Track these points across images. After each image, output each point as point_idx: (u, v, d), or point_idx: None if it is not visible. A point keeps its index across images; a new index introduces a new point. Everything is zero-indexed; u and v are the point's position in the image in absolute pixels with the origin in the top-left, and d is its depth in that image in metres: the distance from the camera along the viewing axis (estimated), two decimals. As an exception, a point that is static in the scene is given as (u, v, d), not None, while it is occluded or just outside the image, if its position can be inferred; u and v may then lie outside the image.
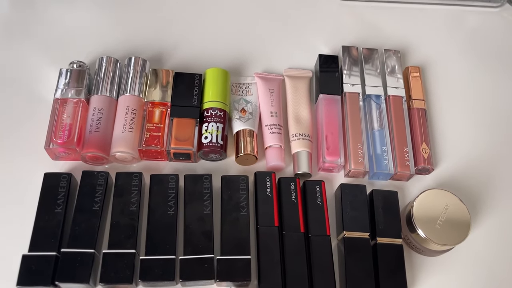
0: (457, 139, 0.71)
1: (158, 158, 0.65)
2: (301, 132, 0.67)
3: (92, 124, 0.62)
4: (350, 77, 0.71)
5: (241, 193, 0.60)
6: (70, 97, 0.64)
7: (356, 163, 0.64)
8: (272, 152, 0.65)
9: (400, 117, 0.68)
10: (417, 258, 0.62)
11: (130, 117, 0.63)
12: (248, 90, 0.70)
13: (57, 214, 0.57)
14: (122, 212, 0.58)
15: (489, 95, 0.75)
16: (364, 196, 0.62)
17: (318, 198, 0.61)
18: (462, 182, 0.67)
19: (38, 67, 0.70)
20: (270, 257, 0.57)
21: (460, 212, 0.59)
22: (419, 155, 0.66)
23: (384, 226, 0.60)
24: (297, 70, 0.73)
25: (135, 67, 0.67)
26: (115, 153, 0.62)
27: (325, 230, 0.59)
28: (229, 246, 0.57)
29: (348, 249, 0.58)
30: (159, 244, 0.56)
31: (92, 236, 0.56)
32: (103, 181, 0.59)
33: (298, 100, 0.70)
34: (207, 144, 0.63)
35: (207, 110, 0.65)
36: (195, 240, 0.56)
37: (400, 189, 0.66)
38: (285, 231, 0.59)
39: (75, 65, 0.66)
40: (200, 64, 0.71)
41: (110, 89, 0.65)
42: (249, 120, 0.66)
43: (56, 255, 0.54)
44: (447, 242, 0.58)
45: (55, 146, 0.61)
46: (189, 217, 0.58)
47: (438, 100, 0.74)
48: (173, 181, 0.60)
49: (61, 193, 0.58)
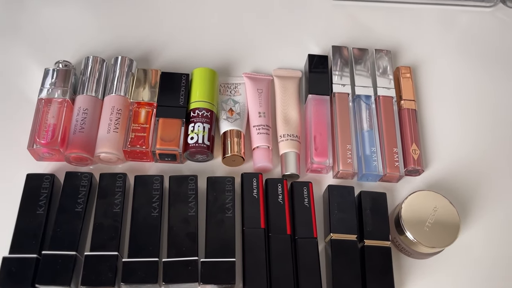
0: (448, 140, 0.70)
1: (143, 159, 0.64)
2: (290, 132, 0.66)
3: (77, 125, 0.61)
4: (340, 77, 0.70)
5: (227, 195, 0.59)
6: (55, 97, 0.63)
7: (344, 164, 0.63)
8: (260, 153, 0.64)
9: (390, 118, 0.67)
10: (406, 260, 0.61)
11: (115, 117, 0.62)
12: (237, 90, 0.69)
13: (38, 215, 0.56)
14: (106, 214, 0.57)
15: (481, 96, 0.74)
16: (352, 197, 0.61)
17: (305, 199, 0.60)
18: (452, 184, 0.66)
19: (23, 66, 0.69)
20: (255, 260, 0.56)
21: (449, 214, 0.58)
22: (409, 156, 0.65)
23: (372, 228, 0.59)
24: (286, 70, 0.72)
25: (121, 66, 0.66)
26: (100, 154, 0.61)
27: (312, 232, 0.58)
28: (214, 248, 0.56)
29: (335, 252, 0.57)
30: (142, 246, 0.55)
31: (74, 238, 0.55)
32: (86, 182, 0.58)
33: (287, 100, 0.69)
34: (193, 144, 0.62)
35: (193, 110, 0.64)
36: (179, 242, 0.56)
37: (389, 191, 0.65)
38: (271, 233, 0.58)
39: (60, 64, 0.66)
40: (187, 64, 0.71)
41: (96, 89, 0.64)
42: (237, 121, 0.66)
43: (37, 257, 0.53)
44: (436, 245, 0.57)
45: (38, 146, 0.60)
46: (173, 219, 0.57)
47: (429, 100, 0.73)
48: (157, 182, 0.59)
49: (44, 194, 0.57)
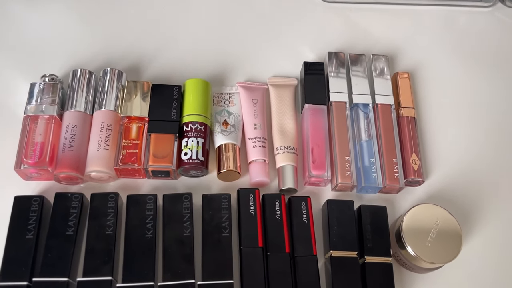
0: (448, 148, 0.68)
1: (136, 176, 0.62)
2: (286, 145, 0.64)
3: (66, 142, 0.59)
4: (336, 85, 0.68)
5: (223, 213, 0.57)
6: (42, 114, 0.60)
7: (343, 177, 0.62)
8: (256, 167, 0.62)
9: (389, 127, 0.66)
10: (407, 275, 0.60)
11: (105, 134, 0.60)
12: (231, 100, 0.67)
13: (28, 240, 0.54)
14: (98, 236, 0.55)
15: (482, 100, 0.72)
16: (351, 212, 0.59)
17: (304, 215, 0.59)
18: (454, 194, 0.65)
19: (6, 80, 0.66)
20: (254, 280, 0.54)
21: (451, 227, 0.57)
22: (409, 167, 0.64)
23: (372, 244, 0.57)
24: (281, 78, 0.70)
25: (110, 79, 0.64)
26: (90, 172, 0.59)
27: (311, 250, 0.57)
28: (211, 270, 0.54)
29: (335, 269, 0.56)
30: (137, 270, 0.53)
31: (66, 263, 0.53)
32: (77, 203, 0.56)
33: (283, 110, 0.67)
34: (187, 160, 0.60)
35: (186, 124, 0.62)
36: (175, 265, 0.54)
37: (389, 202, 0.63)
38: (270, 252, 0.56)
39: (47, 78, 0.63)
40: (179, 75, 0.68)
41: (85, 104, 0.62)
42: (232, 134, 0.64)
43: (28, 285, 0.52)
44: (438, 261, 0.56)
45: (26, 167, 0.58)
46: (168, 240, 0.55)
47: (429, 107, 0.71)
48: (151, 201, 0.57)
49: (33, 217, 0.55)
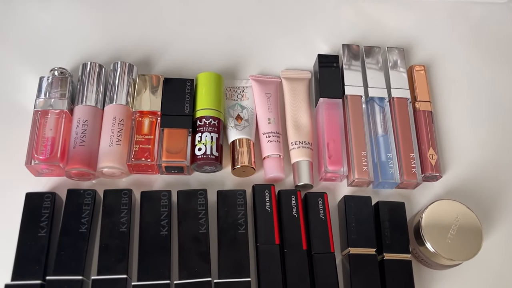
0: (467, 143, 0.67)
1: (148, 172, 0.60)
2: (301, 139, 0.63)
3: (77, 138, 0.58)
4: (351, 78, 0.66)
5: (239, 209, 0.56)
6: (52, 108, 0.59)
7: (360, 172, 0.60)
8: (271, 163, 0.61)
9: (405, 121, 0.64)
10: (426, 271, 0.59)
11: (117, 129, 0.59)
12: (244, 94, 0.66)
13: (40, 238, 0.53)
14: (112, 234, 0.54)
15: (500, 94, 0.71)
16: (369, 208, 0.58)
17: (321, 211, 0.58)
18: (473, 189, 0.64)
19: (15, 75, 0.65)
20: (271, 278, 0.53)
21: (471, 224, 0.56)
22: (426, 162, 0.63)
23: (391, 241, 0.56)
24: (295, 71, 0.69)
25: (121, 73, 0.62)
26: (102, 168, 0.57)
27: (329, 247, 0.56)
28: (227, 267, 0.53)
29: (354, 267, 0.55)
30: (152, 268, 0.52)
31: (79, 261, 0.52)
32: (90, 200, 0.55)
33: (297, 104, 0.65)
34: (201, 156, 0.59)
35: (200, 119, 0.61)
36: (191, 263, 0.53)
37: (406, 198, 0.62)
38: (287, 249, 0.55)
39: (56, 72, 0.62)
40: (191, 68, 0.67)
41: (95, 98, 0.61)
42: (245, 128, 0.62)
43: (41, 284, 0.51)
44: (458, 258, 0.55)
45: (37, 162, 0.56)
46: (183, 237, 0.54)
47: (445, 100, 0.70)
48: (165, 198, 0.56)
49: (45, 214, 0.54)
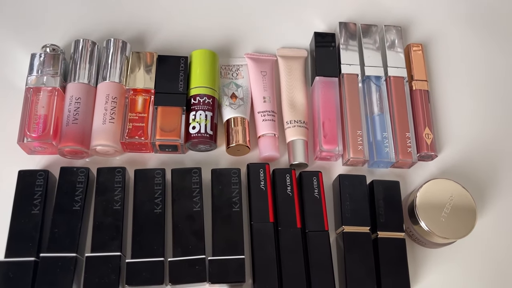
0: (462, 122, 0.67)
1: (142, 150, 0.60)
2: (296, 118, 0.62)
3: (69, 115, 0.57)
4: (348, 56, 0.65)
5: (233, 188, 0.56)
6: (44, 86, 0.58)
7: (355, 151, 0.60)
8: (266, 142, 0.61)
9: (401, 100, 0.64)
10: (420, 250, 0.59)
11: (110, 107, 0.58)
12: (239, 72, 0.65)
13: (34, 215, 0.52)
14: (105, 212, 0.53)
15: (497, 73, 0.70)
16: (364, 187, 0.58)
17: (315, 190, 0.57)
18: (468, 169, 0.64)
19: (6, 51, 0.64)
20: (265, 256, 0.53)
21: (465, 203, 0.56)
22: (422, 141, 0.62)
23: (385, 219, 0.56)
24: (291, 49, 0.68)
25: (114, 50, 0.61)
26: (96, 146, 0.57)
27: (323, 225, 0.56)
28: (221, 245, 0.53)
29: (348, 245, 0.55)
30: (146, 246, 0.52)
31: (73, 239, 0.52)
32: (83, 177, 0.55)
33: (292, 83, 0.65)
34: (195, 134, 0.58)
35: (194, 97, 0.60)
36: (185, 240, 0.53)
37: (401, 177, 0.62)
38: (281, 227, 0.55)
39: (48, 49, 0.61)
40: (185, 45, 0.66)
41: (88, 75, 0.60)
42: (240, 107, 0.62)
43: (35, 261, 0.51)
44: (452, 236, 0.55)
45: (29, 140, 0.56)
46: (177, 215, 0.54)
47: (442, 80, 0.69)
48: (159, 176, 0.56)
49: (38, 192, 0.54)
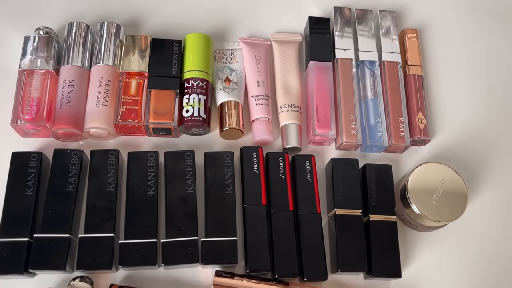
0: (455, 107, 0.67)
1: (136, 133, 0.60)
2: (290, 103, 0.62)
3: (63, 98, 0.57)
4: (342, 41, 0.65)
5: (226, 171, 0.56)
6: (38, 68, 0.58)
7: (348, 135, 0.60)
8: (259, 126, 0.61)
9: (395, 85, 0.64)
10: (411, 233, 0.60)
11: (104, 89, 0.58)
12: (233, 57, 0.65)
13: (27, 197, 0.53)
14: (99, 193, 0.54)
15: (492, 59, 0.70)
16: (356, 171, 0.58)
17: (308, 174, 0.58)
18: (460, 154, 0.64)
19: (0, 34, 0.64)
20: (257, 238, 0.54)
21: (457, 186, 0.56)
22: (415, 126, 0.63)
23: (377, 203, 0.57)
24: (285, 34, 0.68)
25: (108, 33, 0.61)
26: (89, 129, 0.57)
27: (315, 208, 0.56)
28: (214, 227, 0.53)
29: (339, 227, 0.56)
30: (139, 227, 0.53)
31: (66, 220, 0.52)
32: (77, 160, 0.55)
33: (286, 67, 0.65)
34: (189, 118, 0.58)
35: (187, 80, 0.60)
36: (178, 222, 0.53)
37: (394, 162, 0.62)
38: (273, 209, 0.55)
39: (41, 31, 0.60)
40: (179, 29, 0.66)
41: (82, 58, 0.60)
42: (234, 91, 0.62)
43: (29, 241, 0.51)
44: (443, 219, 0.55)
45: (23, 122, 0.56)
46: (170, 198, 0.54)
47: (436, 65, 0.69)
48: (152, 159, 0.56)
49: (31, 174, 0.54)
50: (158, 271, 0.54)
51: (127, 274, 0.54)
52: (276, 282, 0.53)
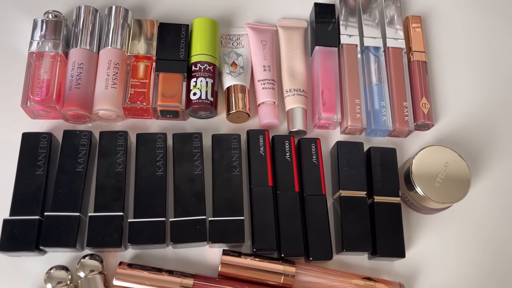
0: (459, 93, 0.68)
1: (144, 116, 0.61)
2: (296, 87, 0.63)
3: (72, 80, 0.58)
4: (347, 27, 0.66)
5: (233, 152, 0.57)
6: (47, 51, 0.59)
7: (353, 119, 0.61)
8: (265, 109, 0.62)
9: (399, 70, 0.65)
10: (415, 216, 0.61)
11: (112, 72, 0.59)
12: (239, 42, 0.66)
13: (38, 176, 0.53)
14: (108, 174, 0.55)
15: (495, 45, 0.71)
16: (361, 153, 0.59)
17: (313, 156, 0.59)
18: (463, 138, 0.65)
19: (9, 18, 0.64)
20: (263, 218, 0.55)
21: (460, 169, 0.57)
22: (419, 110, 0.63)
23: (381, 185, 0.58)
24: (291, 20, 0.68)
25: (116, 17, 0.62)
26: (98, 111, 0.58)
27: (320, 189, 0.57)
28: (222, 207, 0.54)
29: (344, 209, 0.56)
30: (148, 206, 0.54)
31: (76, 199, 0.53)
32: (86, 140, 0.56)
33: (292, 53, 0.65)
34: (196, 100, 0.59)
35: (195, 64, 0.61)
36: (186, 202, 0.54)
37: (398, 146, 0.63)
38: (279, 191, 0.56)
39: (50, 15, 0.61)
40: (186, 14, 0.66)
41: (90, 41, 0.60)
42: (241, 75, 0.62)
43: (39, 219, 0.52)
44: (446, 200, 0.56)
45: (32, 103, 0.57)
46: (179, 178, 0.55)
47: (440, 51, 0.70)
48: (161, 140, 0.57)
49: (42, 154, 0.55)
50: (166, 250, 0.55)
51: (136, 253, 0.55)
52: (282, 261, 0.54)
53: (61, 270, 0.51)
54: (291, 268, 0.53)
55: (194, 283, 0.51)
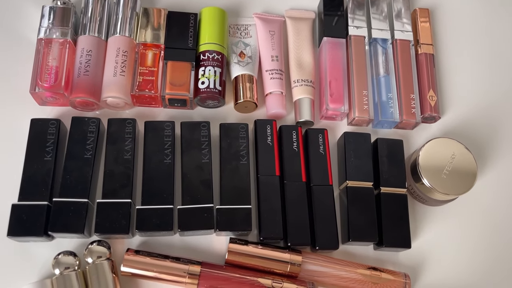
0: (466, 86, 0.68)
1: (152, 104, 0.61)
2: (304, 78, 0.63)
3: (81, 67, 0.58)
4: (355, 19, 0.66)
5: (241, 142, 0.57)
6: (55, 38, 0.59)
7: (360, 110, 0.61)
8: (273, 99, 0.62)
9: (407, 63, 0.65)
10: (420, 208, 0.61)
11: (121, 60, 0.59)
12: (247, 32, 0.66)
13: (47, 162, 0.54)
14: (116, 160, 0.55)
15: (502, 40, 0.71)
16: (368, 144, 0.60)
17: (320, 147, 0.59)
18: (469, 131, 0.65)
19: (18, 4, 0.64)
20: (270, 207, 0.55)
21: (467, 161, 0.58)
22: (426, 103, 0.64)
23: (388, 176, 0.58)
24: (299, 11, 0.68)
25: (125, 5, 0.62)
26: (107, 98, 0.58)
27: (327, 180, 0.57)
28: (229, 195, 0.55)
29: (351, 199, 0.57)
30: (156, 194, 0.54)
31: (85, 185, 0.53)
32: (94, 127, 0.56)
33: (300, 43, 0.65)
34: (204, 89, 0.59)
35: (203, 53, 0.61)
36: (194, 190, 0.54)
37: (404, 138, 0.63)
38: (286, 180, 0.57)
39: (59, 2, 0.61)
40: (195, 3, 0.66)
41: (99, 29, 0.60)
42: (249, 65, 0.63)
43: (48, 205, 0.52)
44: (452, 192, 0.57)
45: (41, 90, 0.57)
46: (187, 166, 0.55)
47: (447, 44, 0.70)
48: (169, 128, 0.57)
49: (50, 140, 0.55)
50: (173, 238, 0.55)
51: (143, 241, 0.55)
52: (289, 250, 0.54)
53: (69, 255, 0.52)
54: (297, 257, 0.53)
55: (201, 270, 0.51)
